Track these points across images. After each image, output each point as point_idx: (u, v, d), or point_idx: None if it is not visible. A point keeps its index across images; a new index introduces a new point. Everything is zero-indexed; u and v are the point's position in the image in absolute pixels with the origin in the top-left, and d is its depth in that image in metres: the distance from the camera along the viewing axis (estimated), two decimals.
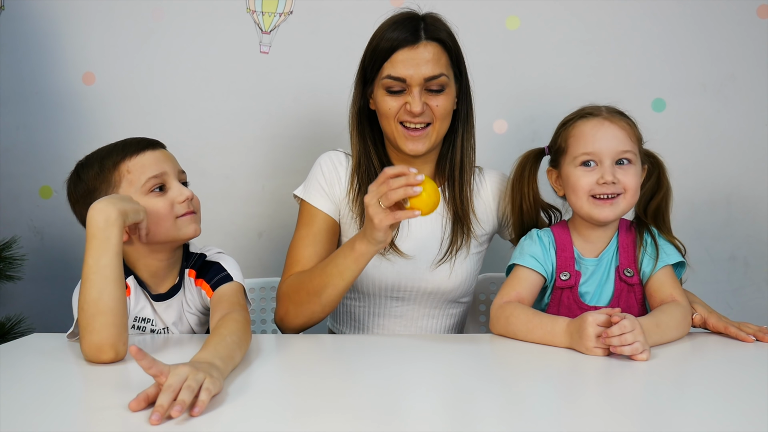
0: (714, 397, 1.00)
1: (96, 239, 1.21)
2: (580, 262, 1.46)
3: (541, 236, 1.49)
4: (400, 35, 1.50)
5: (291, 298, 1.48)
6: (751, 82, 2.17)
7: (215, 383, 0.96)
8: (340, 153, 1.67)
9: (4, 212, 2.27)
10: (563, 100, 1.50)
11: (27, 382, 1.09)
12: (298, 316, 1.48)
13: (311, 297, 1.44)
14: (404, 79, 1.49)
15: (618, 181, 1.38)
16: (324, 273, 1.43)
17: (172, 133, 2.23)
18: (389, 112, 1.53)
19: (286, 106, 2.25)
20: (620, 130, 1.40)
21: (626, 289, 1.42)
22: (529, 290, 1.43)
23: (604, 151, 1.39)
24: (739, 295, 2.22)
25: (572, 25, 2.19)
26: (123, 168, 1.35)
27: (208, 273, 1.42)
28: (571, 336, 1.24)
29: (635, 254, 1.44)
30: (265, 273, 2.24)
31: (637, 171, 1.41)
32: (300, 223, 1.62)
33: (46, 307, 2.27)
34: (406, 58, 1.49)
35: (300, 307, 1.47)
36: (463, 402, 0.99)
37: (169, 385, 0.92)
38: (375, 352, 1.29)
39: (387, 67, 1.51)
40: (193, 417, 0.90)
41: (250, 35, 2.24)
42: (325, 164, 1.64)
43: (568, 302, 1.44)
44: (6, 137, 2.27)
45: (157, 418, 0.87)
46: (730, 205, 2.21)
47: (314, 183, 1.63)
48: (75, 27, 2.24)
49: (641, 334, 1.16)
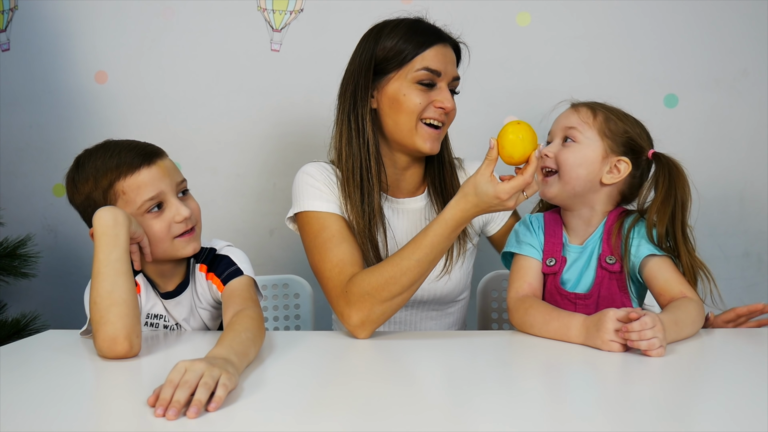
0: (729, 392, 0.99)
1: (105, 236, 1.23)
2: (567, 247, 1.47)
3: (532, 221, 1.52)
4: (432, 32, 1.49)
5: (376, 296, 1.35)
6: (764, 77, 2.16)
7: (231, 379, 0.97)
8: (320, 162, 1.57)
9: (18, 210, 2.29)
10: (575, 97, 1.50)
11: (41, 378, 1.10)
12: (386, 312, 1.36)
13: (406, 288, 1.36)
14: (440, 73, 1.48)
15: (553, 156, 1.43)
16: (422, 262, 1.34)
17: (184, 131, 2.26)
18: (416, 107, 1.47)
19: (296, 103, 2.25)
20: (573, 111, 1.45)
21: (607, 276, 1.41)
22: (537, 278, 1.45)
23: (554, 129, 1.47)
24: (753, 292, 2.21)
25: (584, 21, 2.19)
26: (118, 188, 1.31)
27: (218, 267, 1.42)
28: (587, 330, 1.24)
29: (615, 241, 1.43)
30: (277, 270, 2.24)
31: (579, 150, 1.41)
32: (312, 234, 1.48)
33: (60, 304, 2.29)
34: (440, 54, 1.48)
35: (389, 302, 1.35)
36: (476, 396, 0.99)
37: (185, 381, 0.92)
38: (389, 348, 1.29)
39: (420, 60, 1.47)
40: (209, 412, 0.90)
41: (260, 33, 2.24)
42: (313, 171, 1.54)
43: (550, 288, 1.44)
44: (19, 136, 2.28)
45: (174, 414, 0.88)
46: (743, 201, 2.19)
47: (309, 191, 1.51)
48: (87, 26, 2.25)
49: (661, 331, 1.16)
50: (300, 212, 1.51)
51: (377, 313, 1.35)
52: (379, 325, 1.37)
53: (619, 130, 1.42)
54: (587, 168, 1.41)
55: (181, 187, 1.39)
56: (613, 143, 1.42)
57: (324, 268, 1.43)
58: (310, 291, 1.91)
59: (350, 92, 1.53)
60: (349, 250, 1.44)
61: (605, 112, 1.44)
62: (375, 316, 1.35)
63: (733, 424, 0.86)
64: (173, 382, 0.93)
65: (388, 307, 1.36)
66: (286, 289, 1.92)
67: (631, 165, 1.43)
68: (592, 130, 1.42)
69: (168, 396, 0.90)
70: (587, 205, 1.45)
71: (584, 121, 1.42)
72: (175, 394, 0.90)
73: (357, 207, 1.49)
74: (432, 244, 1.34)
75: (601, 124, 1.42)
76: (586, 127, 1.42)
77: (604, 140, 1.41)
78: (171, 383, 0.93)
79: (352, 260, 1.42)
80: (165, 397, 0.90)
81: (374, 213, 1.50)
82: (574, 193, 1.42)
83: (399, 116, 1.49)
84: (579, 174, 1.41)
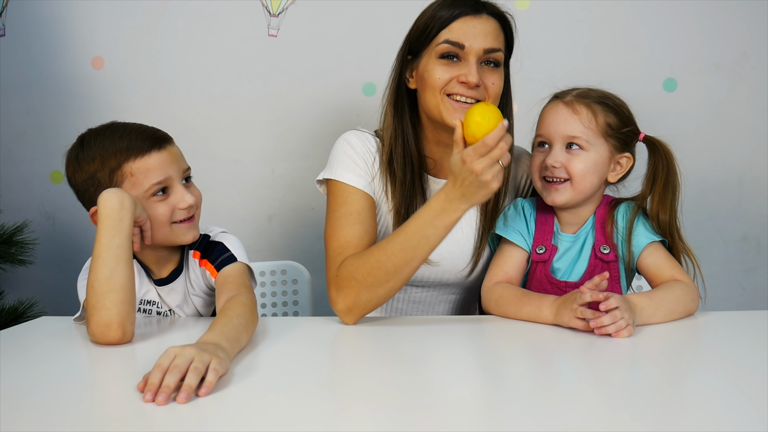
0: (718, 373, 0.99)
1: (110, 219, 1.22)
2: (558, 236, 1.46)
3: (524, 206, 1.50)
4: (461, 5, 1.42)
5: (362, 281, 1.33)
6: (764, 61, 2.14)
7: (222, 364, 0.97)
8: (365, 132, 1.55)
9: (16, 197, 2.29)
10: (574, 81, 1.48)
11: (34, 364, 1.10)
12: (372, 299, 1.34)
13: (391, 275, 1.33)
14: (463, 45, 1.40)
15: (561, 166, 1.39)
16: (406, 247, 1.31)
17: (182, 117, 2.25)
18: (437, 83, 1.41)
19: (295, 89, 2.24)
20: (572, 115, 1.39)
21: (600, 266, 1.42)
22: (516, 268, 1.45)
23: (552, 133, 1.41)
24: (751, 276, 2.21)
25: (583, 5, 2.17)
26: (126, 170, 1.30)
27: (212, 253, 1.41)
28: (558, 309, 1.26)
29: (609, 231, 1.43)
30: (275, 256, 2.24)
31: (588, 158, 1.39)
32: (334, 204, 1.47)
33: (58, 291, 2.29)
34: (467, 26, 1.41)
35: (376, 288, 1.33)
36: (466, 382, 0.99)
37: (175, 366, 0.92)
38: (382, 334, 1.29)
39: (444, 33, 1.41)
40: (200, 397, 0.90)
41: (258, 19, 2.23)
42: (354, 141, 1.51)
43: (540, 276, 1.44)
44: (16, 122, 2.28)
45: (164, 399, 0.88)
46: (742, 185, 2.19)
47: (345, 160, 1.49)
48: (83, 11, 2.24)
49: (627, 311, 1.19)
50: (330, 179, 1.50)
51: (364, 299, 1.33)
52: (367, 313, 1.36)
53: (618, 124, 1.41)
54: (598, 173, 1.41)
55: (186, 174, 1.39)
56: (615, 141, 1.41)
57: (331, 245, 1.43)
58: (309, 277, 1.91)
59: (396, 73, 1.50)
60: (359, 234, 1.42)
61: (602, 108, 1.40)
62: (362, 302, 1.34)
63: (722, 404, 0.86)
64: (162, 367, 0.92)
65: (375, 295, 1.33)
66: (285, 275, 1.92)
67: (632, 159, 1.43)
68: (596, 134, 1.39)
69: (156, 381, 0.90)
70: (588, 201, 1.45)
71: (588, 128, 1.38)
72: (165, 379, 0.90)
73: (398, 186, 1.47)
74: (416, 228, 1.30)
75: (603, 126, 1.39)
76: (590, 134, 1.39)
77: (608, 141, 1.40)
78: (160, 368, 0.92)
79: (357, 244, 1.41)
80: (153, 382, 0.90)
81: (415, 193, 1.48)
82: (584, 197, 1.42)
83: (426, 93, 1.44)
84: (592, 181, 1.40)
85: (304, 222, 2.28)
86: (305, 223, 2.28)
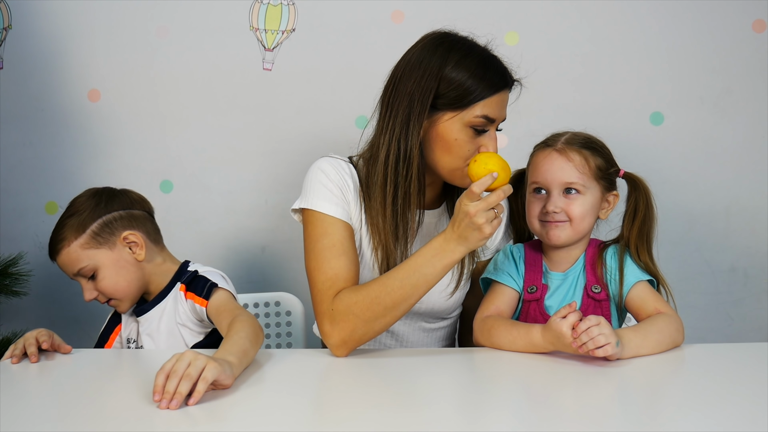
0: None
1: None
2: (548, 275, 1.51)
3: (513, 251, 1.56)
4: (502, 77, 1.43)
5: (360, 316, 1.34)
6: (748, 96, 2.19)
7: (213, 371, 1.04)
8: (338, 158, 1.53)
9: (10, 228, 2.30)
10: (563, 115, 1.52)
11: (31, 397, 1.11)
12: (367, 333, 1.36)
13: (389, 311, 1.35)
14: (494, 120, 1.42)
15: (561, 210, 1.45)
16: (406, 284, 1.34)
17: (176, 149, 2.28)
18: (465, 155, 1.40)
19: (288, 121, 2.27)
20: (567, 162, 1.45)
21: (593, 305, 1.47)
22: (507, 304, 1.49)
23: (550, 181, 1.47)
24: (739, 307, 2.23)
25: (571, 40, 2.21)
26: None
27: (196, 287, 1.49)
28: (554, 338, 1.28)
29: (600, 272, 1.48)
30: (268, 287, 2.25)
31: (585, 201, 1.46)
32: (315, 235, 1.45)
33: (51, 323, 2.27)
34: (500, 101, 1.43)
35: (373, 322, 1.35)
36: (464, 412, 1.00)
37: (174, 371, 1.04)
38: (373, 366, 1.31)
39: (483, 107, 1.39)
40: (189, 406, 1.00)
41: (253, 53, 2.27)
42: (327, 169, 1.49)
43: (534, 314, 1.48)
44: (12, 154, 2.29)
45: (165, 404, 1.01)
46: (729, 216, 2.22)
47: (320, 189, 1.47)
48: (80, 45, 2.27)
49: (606, 327, 1.22)
50: (306, 208, 1.48)
51: (359, 333, 1.35)
52: (359, 346, 1.38)
53: (605, 165, 1.49)
54: (593, 213, 1.48)
55: (83, 273, 1.50)
56: (605, 182, 1.49)
57: (318, 277, 1.42)
58: (302, 309, 1.92)
59: (403, 116, 1.41)
60: (346, 265, 1.42)
61: (590, 152, 1.47)
62: (357, 336, 1.36)
63: None
64: (165, 370, 1.05)
65: (371, 329, 1.36)
66: (278, 307, 1.93)
67: (618, 195, 1.52)
68: (590, 178, 1.46)
69: (160, 383, 1.03)
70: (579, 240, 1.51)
71: (582, 173, 1.45)
72: (167, 385, 1.02)
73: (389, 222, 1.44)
74: (415, 266, 1.34)
75: (594, 169, 1.47)
76: (585, 178, 1.46)
77: (599, 183, 1.48)
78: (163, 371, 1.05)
79: (346, 276, 1.41)
80: (158, 384, 1.03)
81: (408, 231, 1.46)
82: (581, 236, 1.49)
83: (444, 156, 1.42)
84: (590, 221, 1.48)
85: (297, 253, 2.27)
86: (299, 254, 2.25)
